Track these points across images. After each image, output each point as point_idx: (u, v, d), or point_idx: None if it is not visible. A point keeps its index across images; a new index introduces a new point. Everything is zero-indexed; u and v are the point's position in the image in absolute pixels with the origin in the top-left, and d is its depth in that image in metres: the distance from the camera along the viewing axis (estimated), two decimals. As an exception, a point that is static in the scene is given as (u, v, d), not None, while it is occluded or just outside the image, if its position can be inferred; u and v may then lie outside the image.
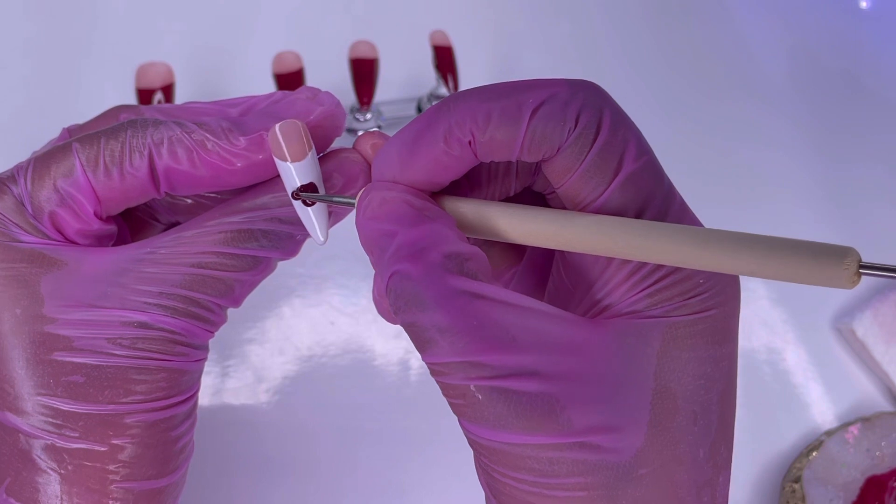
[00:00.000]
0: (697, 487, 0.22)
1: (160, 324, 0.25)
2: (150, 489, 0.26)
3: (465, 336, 0.21)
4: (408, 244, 0.22)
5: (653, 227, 0.21)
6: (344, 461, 0.42)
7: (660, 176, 0.23)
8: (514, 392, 0.21)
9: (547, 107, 0.22)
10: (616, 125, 0.22)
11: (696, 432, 0.22)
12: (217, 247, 0.25)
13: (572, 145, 0.22)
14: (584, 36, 0.58)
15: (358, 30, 0.51)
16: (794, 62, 0.59)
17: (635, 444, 0.21)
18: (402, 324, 0.22)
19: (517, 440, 0.21)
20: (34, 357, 0.24)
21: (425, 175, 0.23)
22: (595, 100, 0.22)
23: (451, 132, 0.22)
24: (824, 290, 0.50)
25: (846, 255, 0.18)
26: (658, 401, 0.22)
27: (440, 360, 0.21)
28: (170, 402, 0.25)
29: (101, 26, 0.54)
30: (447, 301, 0.21)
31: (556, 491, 0.21)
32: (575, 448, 0.21)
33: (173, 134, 0.25)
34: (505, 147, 0.22)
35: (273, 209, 0.26)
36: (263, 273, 0.27)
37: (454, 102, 0.23)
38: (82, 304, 0.25)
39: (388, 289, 0.23)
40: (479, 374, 0.21)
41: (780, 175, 0.54)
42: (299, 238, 0.27)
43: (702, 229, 0.21)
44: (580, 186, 0.22)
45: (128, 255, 0.25)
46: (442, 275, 0.22)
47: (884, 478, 0.42)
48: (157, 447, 0.25)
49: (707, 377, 0.22)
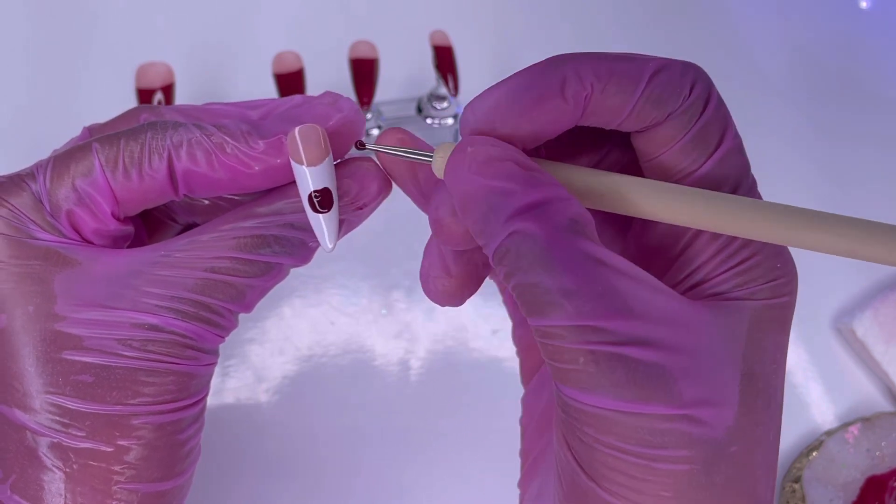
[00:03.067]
0: (769, 469, 0.23)
1: (171, 327, 0.25)
2: (155, 491, 0.26)
3: (591, 301, 0.21)
4: (531, 204, 0.22)
5: (788, 210, 0.22)
6: (344, 461, 0.42)
7: (747, 159, 0.24)
8: (633, 360, 0.21)
9: (665, 73, 0.23)
10: (720, 103, 0.23)
11: (770, 415, 0.23)
12: (231, 252, 0.25)
13: (683, 114, 0.23)
14: (584, 36, 0.58)
15: (358, 30, 0.51)
16: (794, 62, 0.59)
17: (727, 421, 0.22)
18: (517, 286, 0.22)
19: (631, 409, 0.21)
20: (44, 355, 0.25)
21: (531, 126, 0.22)
22: (706, 77, 0.23)
23: (567, 83, 0.22)
24: (824, 290, 0.50)
25: None
26: (745, 381, 0.22)
27: (562, 324, 0.21)
28: (178, 405, 0.25)
29: (101, 26, 0.54)
30: (576, 264, 0.21)
31: (660, 463, 0.21)
32: (683, 420, 0.21)
33: (192, 136, 0.25)
34: (618, 107, 0.22)
35: (287, 215, 0.26)
36: (275, 279, 0.27)
37: (571, 58, 0.22)
38: (94, 304, 0.25)
39: (503, 249, 0.22)
40: (600, 338, 0.21)
41: (779, 173, 0.54)
42: (312, 245, 0.27)
43: (802, 211, 0.22)
44: (681, 157, 0.23)
45: (142, 257, 0.25)
46: (570, 238, 0.21)
47: (884, 478, 0.42)
48: (164, 450, 0.25)
49: (778, 363, 0.23)
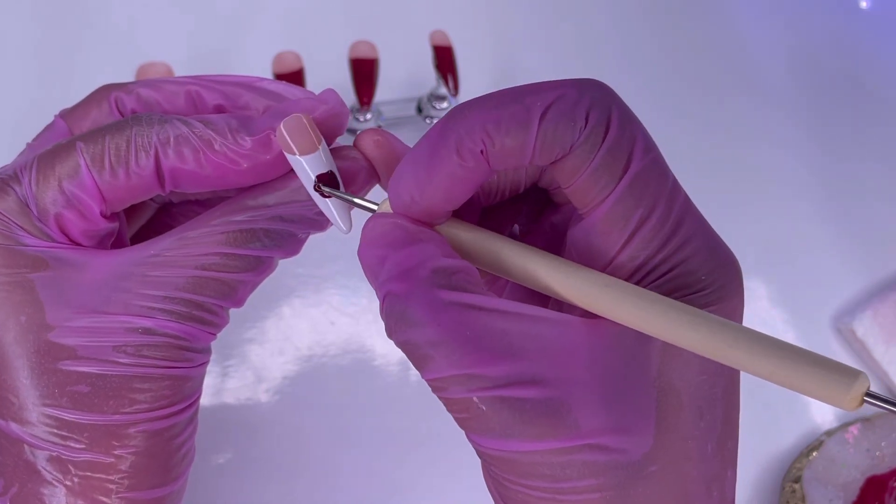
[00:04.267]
0: (707, 482, 0.22)
1: (165, 329, 0.24)
2: (155, 497, 0.26)
3: (460, 348, 0.21)
4: (397, 265, 0.22)
5: (672, 312, 0.21)
6: (343, 461, 0.42)
7: (666, 172, 0.23)
8: (518, 400, 0.21)
9: (556, 108, 0.22)
10: (624, 123, 0.22)
11: (703, 427, 0.22)
12: (221, 248, 0.25)
13: (583, 144, 0.22)
14: (584, 36, 0.58)
15: (358, 30, 0.51)
16: (794, 62, 0.59)
17: (644, 441, 0.21)
18: (398, 345, 0.22)
19: (526, 447, 0.21)
20: (38, 366, 0.24)
21: (443, 192, 0.23)
22: (603, 98, 0.22)
23: (462, 144, 0.22)
24: (824, 290, 0.50)
25: (855, 380, 0.19)
26: (663, 398, 0.22)
27: (438, 376, 0.21)
28: (173, 409, 0.25)
29: (101, 26, 0.54)
30: (437, 314, 0.21)
31: (569, 495, 0.21)
32: (585, 450, 0.21)
33: (180, 133, 0.24)
34: (517, 152, 0.22)
35: (275, 207, 0.25)
36: (265, 273, 0.26)
37: (460, 114, 0.22)
38: (87, 311, 0.24)
39: (382, 312, 0.22)
40: (479, 385, 0.21)
41: (780, 174, 0.54)
42: (301, 236, 0.27)
43: (731, 325, 0.21)
44: (590, 185, 0.22)
45: (131, 258, 0.25)
46: (430, 289, 0.22)
47: (884, 478, 0.42)
48: (160, 456, 0.25)
49: (710, 372, 0.23)
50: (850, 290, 0.50)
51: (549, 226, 0.27)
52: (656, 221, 0.22)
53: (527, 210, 0.28)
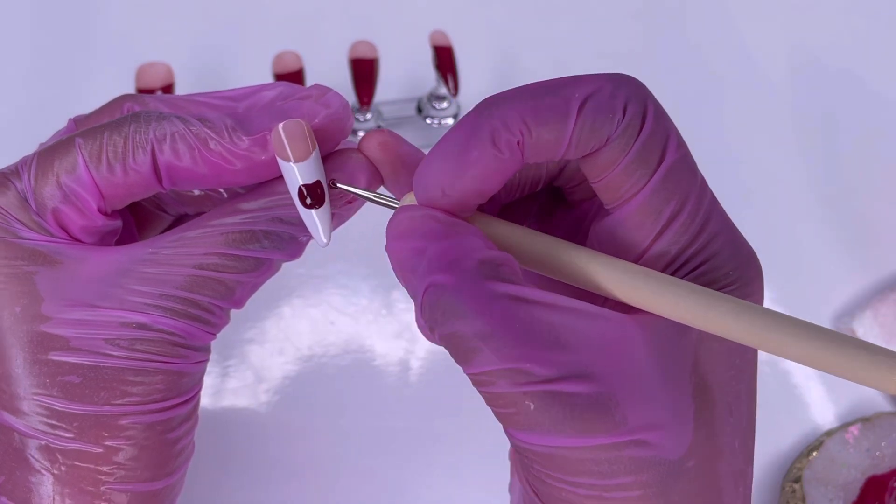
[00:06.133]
0: (734, 478, 0.23)
1: (159, 325, 0.24)
2: (146, 491, 0.26)
3: (511, 341, 0.20)
4: (439, 256, 0.22)
5: (724, 302, 0.21)
6: (344, 461, 0.42)
7: (695, 168, 0.23)
8: (568, 395, 0.20)
9: (594, 100, 0.22)
10: (658, 117, 0.22)
11: (732, 423, 0.22)
12: (219, 248, 0.25)
13: (620, 136, 0.22)
14: (584, 36, 0.58)
15: (358, 30, 0.51)
16: (794, 62, 0.59)
17: (684, 437, 0.21)
18: (442, 337, 0.22)
19: (575, 443, 0.21)
20: (31, 356, 0.24)
21: (476, 184, 0.22)
22: (639, 91, 0.22)
23: (498, 134, 0.22)
24: (824, 290, 0.50)
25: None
26: (699, 393, 0.22)
27: (486, 370, 0.21)
28: (167, 404, 0.25)
29: (101, 26, 0.54)
30: (488, 307, 0.21)
31: (616, 492, 0.21)
32: (631, 446, 0.21)
33: (176, 130, 0.24)
34: (554, 144, 0.22)
35: (275, 209, 0.25)
36: (266, 275, 0.26)
37: (494, 105, 0.22)
38: (81, 304, 0.24)
39: (423, 305, 0.22)
40: (528, 379, 0.20)
41: (780, 174, 0.54)
42: (303, 240, 0.26)
43: (772, 312, 0.21)
44: (624, 178, 0.22)
45: (129, 255, 0.25)
46: (479, 281, 0.21)
47: (884, 478, 0.42)
48: (154, 449, 0.25)
49: (737, 368, 0.23)
50: (850, 290, 0.50)
51: (563, 225, 0.27)
52: (688, 215, 0.22)
53: (536, 210, 0.28)
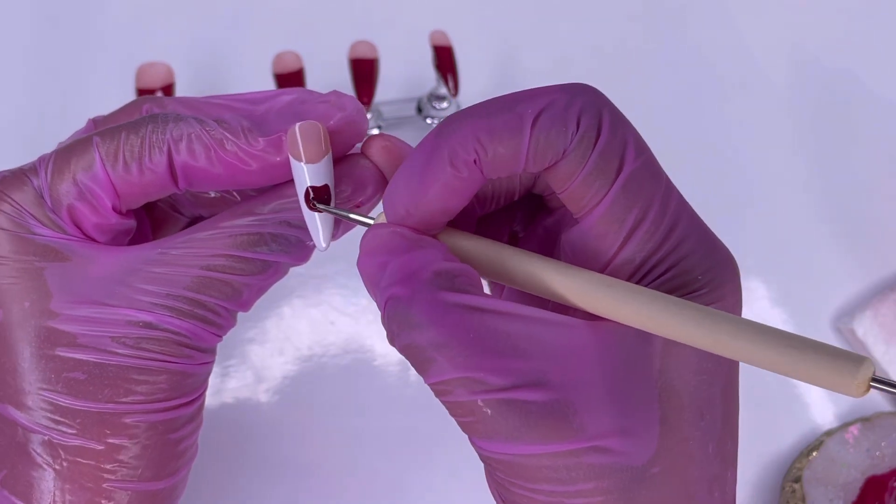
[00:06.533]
0: (708, 483, 0.22)
1: (166, 325, 0.25)
2: (148, 490, 0.26)
3: (465, 350, 0.21)
4: (398, 269, 0.22)
5: (677, 308, 0.21)
6: (344, 461, 0.42)
7: (658, 173, 0.23)
8: (523, 402, 0.21)
9: (546, 114, 0.22)
10: (615, 126, 0.22)
11: (704, 428, 0.22)
12: (228, 250, 0.25)
13: (576, 149, 0.22)
14: (584, 36, 0.58)
15: (358, 30, 0.51)
16: (794, 62, 0.59)
17: (648, 443, 0.21)
18: (401, 349, 0.22)
19: (532, 451, 0.21)
20: (38, 351, 0.25)
21: (438, 203, 0.23)
22: (593, 102, 0.22)
23: (455, 154, 0.22)
24: (824, 290, 0.50)
25: (860, 366, 0.19)
26: (665, 399, 0.22)
27: (442, 378, 0.21)
28: (171, 404, 0.25)
29: (101, 26, 0.54)
30: (441, 317, 0.21)
31: (575, 499, 0.21)
32: (591, 453, 0.21)
33: (193, 131, 0.25)
34: (511, 160, 0.22)
35: (284, 213, 0.26)
36: (273, 278, 0.27)
37: (452, 124, 0.22)
38: (89, 301, 0.25)
39: (384, 317, 0.22)
40: (484, 387, 0.21)
41: (780, 174, 0.54)
42: (309, 244, 0.27)
43: (733, 318, 0.21)
44: (584, 189, 0.22)
45: (138, 254, 0.25)
46: (433, 291, 0.21)
47: (884, 478, 0.42)
48: (157, 449, 0.25)
49: (708, 372, 0.23)
50: (850, 290, 0.50)
51: (543, 230, 0.27)
52: (651, 222, 0.22)
53: (521, 216, 0.28)
